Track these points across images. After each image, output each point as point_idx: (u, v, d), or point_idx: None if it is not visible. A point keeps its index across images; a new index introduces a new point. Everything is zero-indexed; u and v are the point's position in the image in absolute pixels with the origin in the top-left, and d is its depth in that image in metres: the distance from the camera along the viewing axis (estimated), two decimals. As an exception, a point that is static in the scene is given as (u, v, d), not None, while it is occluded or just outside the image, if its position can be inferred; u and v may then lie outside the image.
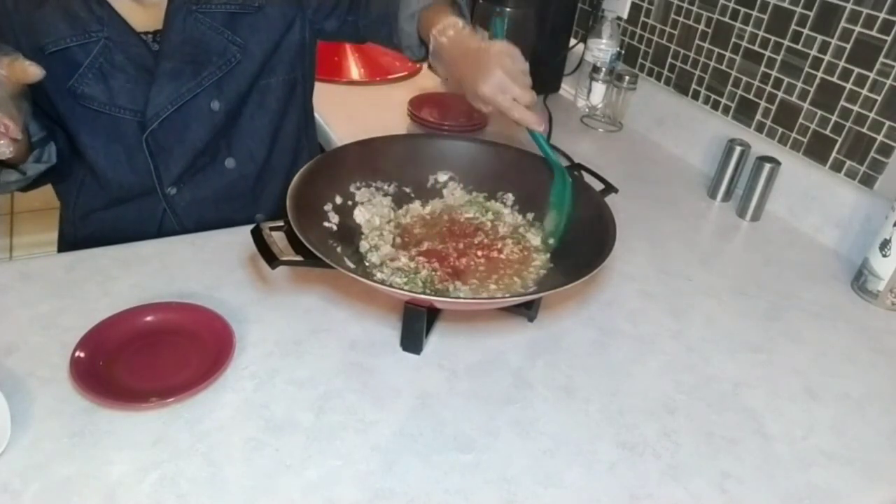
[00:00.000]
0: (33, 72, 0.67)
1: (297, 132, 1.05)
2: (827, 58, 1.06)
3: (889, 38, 0.97)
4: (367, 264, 0.79)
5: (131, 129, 0.88)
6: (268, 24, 0.93)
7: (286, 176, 1.04)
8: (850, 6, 1.01)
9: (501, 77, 0.77)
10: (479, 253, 0.82)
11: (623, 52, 1.47)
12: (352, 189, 0.86)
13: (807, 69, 1.09)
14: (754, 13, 1.16)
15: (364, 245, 0.82)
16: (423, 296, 0.70)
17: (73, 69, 0.83)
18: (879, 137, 1.01)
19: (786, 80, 1.13)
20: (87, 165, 0.92)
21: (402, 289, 0.73)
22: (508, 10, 1.43)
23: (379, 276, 0.77)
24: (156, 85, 0.86)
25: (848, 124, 1.05)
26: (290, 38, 0.96)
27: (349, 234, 0.83)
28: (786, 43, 1.12)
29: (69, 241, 1.01)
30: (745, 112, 1.22)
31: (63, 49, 0.82)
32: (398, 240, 0.83)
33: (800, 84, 1.11)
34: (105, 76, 0.85)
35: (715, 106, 1.28)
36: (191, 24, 0.87)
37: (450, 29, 0.84)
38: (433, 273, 0.78)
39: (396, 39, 0.96)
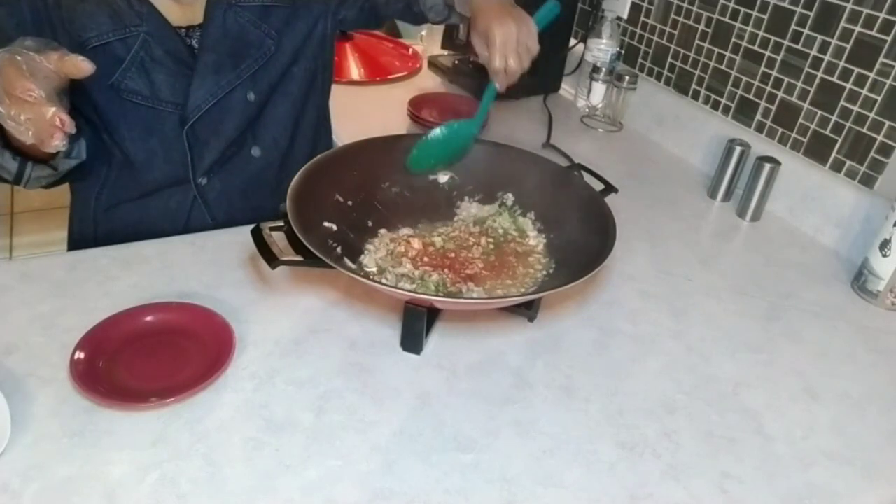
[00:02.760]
0: (85, 67, 0.67)
1: (317, 122, 1.07)
2: (827, 58, 1.06)
3: (889, 38, 0.97)
4: (365, 270, 0.79)
5: (170, 121, 0.90)
6: (298, 18, 0.95)
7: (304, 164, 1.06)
8: (850, 6, 1.01)
9: (515, 34, 0.82)
10: (483, 257, 0.82)
11: (623, 52, 1.47)
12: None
13: (807, 69, 1.09)
14: (754, 13, 1.16)
15: (369, 248, 0.83)
16: (422, 296, 0.70)
17: (116, 64, 0.85)
18: (879, 137, 1.01)
19: (786, 80, 1.13)
20: (118, 158, 0.93)
21: (401, 289, 0.73)
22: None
23: (384, 282, 0.77)
24: (197, 78, 0.88)
25: (848, 124, 1.05)
26: (317, 32, 0.99)
27: (349, 234, 0.83)
28: (786, 43, 1.12)
29: (86, 238, 1.00)
30: (745, 112, 1.22)
31: (105, 44, 0.83)
32: (399, 248, 0.83)
33: (800, 84, 1.11)
34: (147, 70, 0.86)
35: (715, 106, 1.28)
36: (231, 17, 0.89)
37: None
38: (445, 277, 0.78)
39: (417, 6, 1.01)
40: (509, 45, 0.82)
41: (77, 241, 1.03)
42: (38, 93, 0.63)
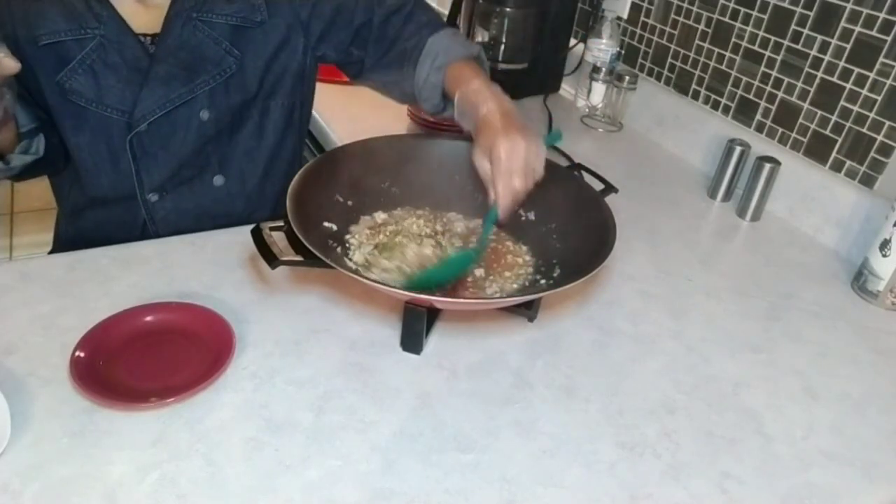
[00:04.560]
0: (8, 64, 0.66)
1: (292, 159, 1.04)
2: (827, 58, 1.06)
3: (889, 38, 0.97)
4: (353, 264, 0.79)
5: (117, 128, 0.88)
6: (266, 41, 0.92)
7: (274, 203, 1.01)
8: (850, 6, 1.01)
9: (523, 152, 0.74)
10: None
11: (623, 52, 1.47)
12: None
13: (807, 69, 1.09)
14: (754, 13, 1.16)
15: (352, 242, 0.83)
16: (422, 296, 0.70)
17: (65, 63, 0.83)
18: (879, 137, 1.01)
19: (786, 80, 1.13)
20: (74, 161, 0.91)
21: (402, 289, 0.73)
22: (508, 10, 1.43)
23: (372, 276, 0.77)
24: (147, 87, 0.86)
25: (848, 124, 1.05)
26: (290, 60, 0.95)
27: (345, 242, 0.83)
28: (786, 43, 1.12)
29: (62, 238, 1.01)
30: (745, 112, 1.22)
31: (56, 42, 0.82)
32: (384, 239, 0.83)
33: (800, 84, 1.11)
34: (95, 73, 0.84)
35: (715, 106, 1.28)
36: (189, 30, 0.87)
37: (491, 91, 0.81)
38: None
39: (410, 89, 0.92)
40: (516, 164, 0.74)
41: (57, 241, 1.03)
42: None
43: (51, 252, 1.02)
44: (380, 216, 0.87)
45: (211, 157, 0.94)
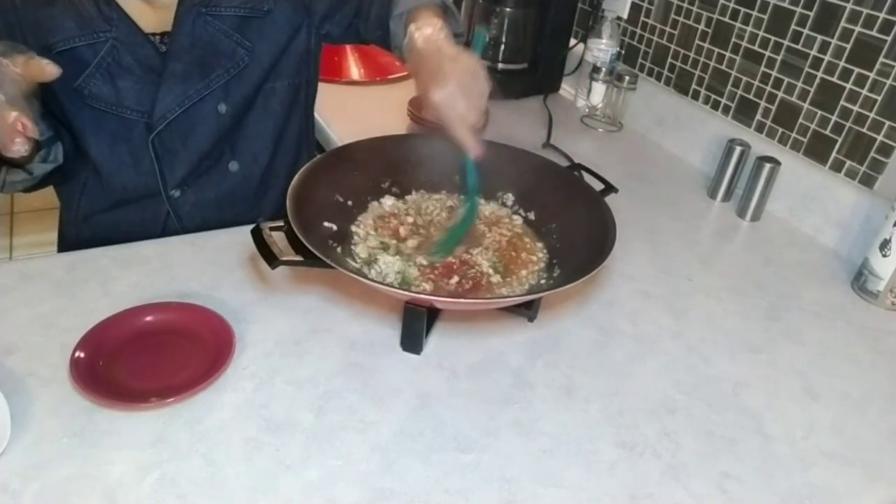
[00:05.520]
0: (50, 70, 0.67)
1: (299, 136, 1.06)
2: (827, 58, 1.06)
3: (889, 38, 0.97)
4: (357, 261, 0.80)
5: (137, 130, 0.88)
6: (276, 29, 0.93)
7: (287, 179, 1.03)
8: (850, 6, 1.01)
9: (454, 90, 0.74)
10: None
11: (623, 52, 1.47)
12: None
13: (807, 69, 1.09)
14: (754, 13, 1.16)
15: (358, 232, 0.83)
16: (422, 295, 0.70)
17: (81, 69, 0.83)
18: (879, 137, 1.01)
19: (786, 80, 1.13)
20: (91, 166, 0.91)
21: (402, 289, 0.73)
22: (508, 10, 1.43)
23: (373, 273, 0.78)
24: (163, 86, 0.86)
25: (848, 124, 1.05)
26: (297, 44, 0.97)
27: (349, 234, 0.83)
28: (786, 43, 1.12)
29: (70, 243, 1.01)
30: (745, 112, 1.22)
31: (71, 48, 0.82)
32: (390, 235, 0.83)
33: (800, 84, 1.11)
34: (113, 76, 0.85)
35: (715, 106, 1.28)
36: (200, 26, 0.87)
37: (427, 27, 0.82)
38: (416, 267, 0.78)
39: (389, 40, 0.94)
40: (457, 106, 0.74)
41: (64, 246, 1.03)
42: None
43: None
44: (387, 201, 0.88)
45: (224, 145, 0.95)
